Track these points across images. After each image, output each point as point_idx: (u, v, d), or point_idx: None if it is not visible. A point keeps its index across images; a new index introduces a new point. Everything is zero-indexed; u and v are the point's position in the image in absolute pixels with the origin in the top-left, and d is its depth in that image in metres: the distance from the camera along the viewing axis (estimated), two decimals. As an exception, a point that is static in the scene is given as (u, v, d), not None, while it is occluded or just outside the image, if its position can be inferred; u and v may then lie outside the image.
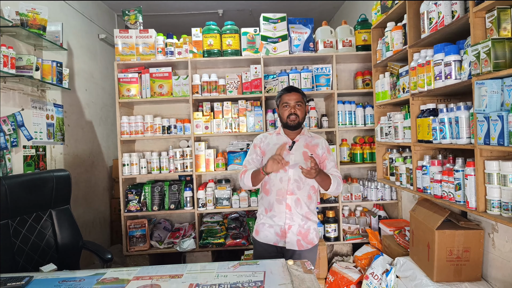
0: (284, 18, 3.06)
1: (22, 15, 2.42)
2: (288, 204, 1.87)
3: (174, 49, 3.00)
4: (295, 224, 1.88)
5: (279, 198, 1.89)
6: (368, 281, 2.44)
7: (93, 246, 2.17)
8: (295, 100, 1.91)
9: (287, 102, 1.92)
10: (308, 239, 1.90)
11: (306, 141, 1.97)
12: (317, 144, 1.97)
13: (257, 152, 1.99)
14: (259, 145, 2.00)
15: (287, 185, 1.88)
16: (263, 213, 1.96)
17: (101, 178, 3.87)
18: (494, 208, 1.53)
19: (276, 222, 1.90)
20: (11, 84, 2.47)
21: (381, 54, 2.60)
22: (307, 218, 1.91)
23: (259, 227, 1.96)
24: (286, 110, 1.92)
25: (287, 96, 1.93)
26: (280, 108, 1.96)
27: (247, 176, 1.89)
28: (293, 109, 1.90)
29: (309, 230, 1.91)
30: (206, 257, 3.00)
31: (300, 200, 1.89)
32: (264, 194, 1.97)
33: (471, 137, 1.66)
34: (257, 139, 2.03)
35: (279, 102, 1.98)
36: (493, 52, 1.41)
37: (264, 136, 2.03)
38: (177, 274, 1.40)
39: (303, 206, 1.90)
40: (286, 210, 1.88)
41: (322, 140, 2.01)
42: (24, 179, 2.01)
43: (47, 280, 1.40)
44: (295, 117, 1.90)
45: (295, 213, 1.88)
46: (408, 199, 2.92)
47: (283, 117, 1.94)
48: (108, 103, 4.17)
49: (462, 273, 1.92)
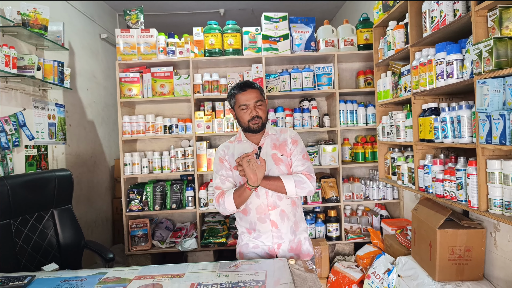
0: (285, 18, 3.06)
1: (23, 15, 2.42)
2: (272, 220, 1.61)
3: (175, 48, 3.00)
4: (285, 240, 1.64)
5: (261, 216, 1.62)
6: (370, 280, 2.44)
7: (95, 246, 2.18)
8: (254, 100, 1.60)
9: (245, 104, 1.60)
10: (303, 252, 1.68)
11: (272, 141, 1.69)
12: (284, 140, 1.69)
13: (225, 167, 1.68)
14: (224, 158, 1.69)
15: (266, 199, 1.61)
16: (246, 233, 1.70)
17: (103, 177, 3.88)
18: (496, 207, 1.52)
19: (264, 242, 1.65)
20: (13, 84, 2.48)
21: (383, 53, 2.60)
22: (295, 230, 1.67)
23: (243, 249, 1.69)
24: (245, 113, 1.60)
25: (243, 96, 1.60)
26: (237, 110, 1.63)
27: (227, 198, 1.57)
28: (254, 110, 1.60)
29: (300, 242, 1.69)
30: (208, 256, 3.01)
31: (285, 211, 1.63)
32: (242, 214, 1.67)
33: (473, 136, 1.66)
34: (219, 153, 1.71)
35: (233, 103, 1.65)
36: (495, 51, 1.40)
37: (225, 147, 1.72)
38: (179, 273, 1.40)
39: (290, 217, 1.65)
40: (272, 228, 1.62)
41: (289, 133, 1.71)
42: (26, 178, 2.02)
43: (49, 280, 1.41)
44: (258, 120, 1.60)
45: (283, 227, 1.63)
46: (410, 199, 2.91)
47: (243, 122, 1.62)
48: (110, 103, 4.17)
49: (464, 273, 1.92)
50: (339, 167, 3.05)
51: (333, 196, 3.04)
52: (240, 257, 1.71)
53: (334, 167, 3.08)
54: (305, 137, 3.40)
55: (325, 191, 3.07)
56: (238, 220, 1.75)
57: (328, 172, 3.38)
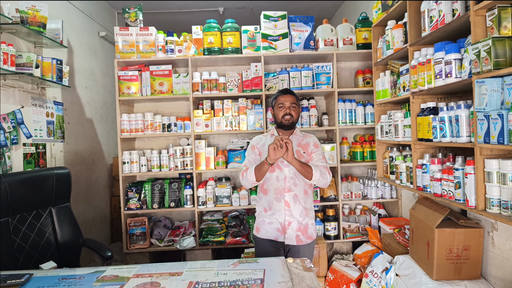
0: (284, 16, 3.06)
1: (22, 12, 2.41)
2: (286, 201, 1.96)
3: (174, 47, 2.99)
4: (294, 220, 1.97)
5: (278, 196, 1.97)
6: (368, 279, 2.45)
7: (93, 244, 2.18)
8: (290, 102, 2.01)
9: (282, 103, 2.01)
10: (307, 234, 2.00)
11: (298, 140, 2.07)
12: (308, 142, 2.07)
13: (255, 152, 2.07)
14: (256, 146, 2.09)
15: (283, 183, 1.97)
16: (263, 212, 2.04)
17: (101, 176, 3.87)
18: (493, 207, 1.53)
19: (277, 219, 1.98)
20: (11, 81, 2.47)
21: (382, 53, 2.60)
22: (305, 214, 2.00)
23: (259, 224, 2.04)
24: (281, 111, 2.01)
25: (282, 97, 2.03)
26: (276, 108, 2.05)
27: (250, 172, 1.93)
28: (288, 109, 2.01)
29: (308, 225, 2.00)
30: (206, 255, 3.01)
31: (298, 196, 1.98)
32: (263, 194, 2.04)
33: (471, 136, 1.66)
34: (254, 141, 2.12)
35: (274, 103, 2.07)
36: (494, 51, 1.41)
37: (259, 138, 2.12)
38: (177, 272, 1.41)
39: (301, 202, 1.99)
40: (285, 207, 1.97)
41: (313, 138, 2.11)
42: (24, 176, 2.02)
43: (47, 278, 1.41)
44: (290, 117, 2.01)
45: (294, 209, 1.97)
46: (408, 198, 2.92)
47: (278, 117, 2.03)
48: (108, 101, 4.16)
49: (461, 272, 1.93)
50: (337, 166, 3.05)
51: (332, 195, 3.05)
52: (257, 230, 2.06)
53: (332, 166, 3.08)
54: (304, 136, 3.40)
55: (324, 190, 3.08)
56: (258, 200, 2.11)
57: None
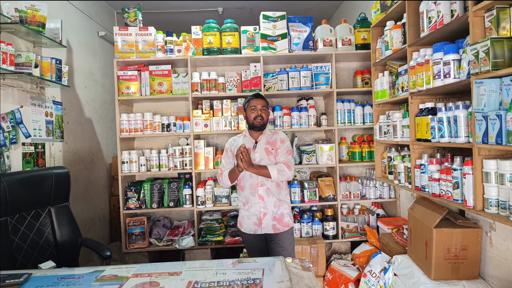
0: (284, 17, 3.06)
1: (21, 12, 2.41)
2: (260, 194, 2.16)
3: (173, 47, 2.99)
4: (269, 211, 2.16)
5: (252, 191, 2.17)
6: (366, 279, 2.45)
7: (92, 243, 2.18)
8: (261, 105, 2.19)
9: (254, 106, 2.19)
10: (284, 222, 2.18)
11: (267, 138, 2.24)
12: (275, 139, 2.23)
13: (229, 155, 2.26)
14: (230, 148, 2.27)
15: (256, 179, 2.16)
16: (242, 207, 2.24)
17: (100, 175, 3.87)
18: (491, 207, 1.54)
19: (253, 212, 2.18)
20: (10, 81, 2.47)
21: (381, 53, 2.60)
22: (279, 205, 2.18)
23: (241, 220, 2.25)
24: (253, 113, 2.18)
25: (254, 101, 2.21)
26: (248, 111, 2.22)
27: (224, 176, 2.20)
28: (259, 111, 2.18)
29: (283, 215, 2.19)
30: (205, 254, 3.01)
31: (270, 189, 2.16)
32: (240, 190, 2.26)
33: (470, 136, 1.67)
34: (228, 143, 2.30)
35: (247, 106, 2.23)
36: (492, 51, 1.41)
37: (233, 140, 2.31)
38: (176, 271, 1.41)
39: (274, 194, 2.17)
40: (259, 200, 2.16)
41: (279, 135, 2.27)
42: (23, 176, 2.02)
43: (46, 277, 1.41)
44: (261, 119, 2.18)
45: (268, 201, 2.16)
46: (406, 198, 2.93)
47: (250, 119, 2.20)
48: (108, 101, 4.16)
49: (459, 271, 1.93)
50: (336, 166, 3.06)
51: (330, 195, 3.05)
52: (240, 225, 2.27)
53: (331, 166, 3.09)
54: (303, 136, 3.41)
55: (322, 190, 3.08)
56: (238, 196, 2.32)
57: (325, 171, 3.39)
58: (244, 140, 2.26)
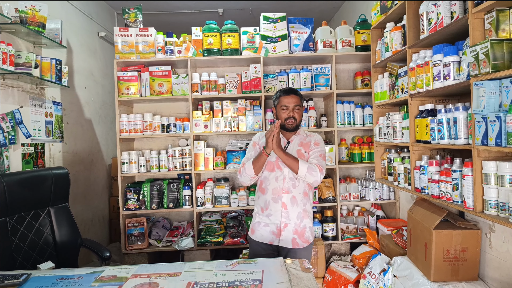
0: (284, 18, 3.07)
1: (21, 12, 2.41)
2: (284, 202, 1.88)
3: (174, 47, 3.00)
4: (291, 222, 1.89)
5: (275, 197, 1.89)
6: (366, 280, 2.45)
7: (92, 244, 2.17)
8: (294, 104, 1.91)
9: (285, 105, 1.91)
10: (304, 237, 1.91)
11: (300, 139, 1.98)
12: (309, 141, 1.97)
13: (256, 149, 1.98)
14: (258, 142, 2.00)
15: (282, 184, 1.89)
16: (259, 212, 1.97)
17: (100, 176, 3.87)
18: (491, 208, 1.54)
19: (272, 220, 1.90)
20: (10, 81, 2.47)
21: (380, 55, 2.61)
22: (302, 217, 1.91)
23: (255, 226, 1.97)
24: (284, 113, 1.91)
25: (285, 98, 1.92)
26: (278, 109, 1.95)
27: (248, 165, 1.88)
28: (292, 112, 1.90)
29: (305, 229, 1.92)
30: (204, 255, 3.01)
31: (296, 198, 1.89)
32: (260, 193, 1.97)
33: (469, 138, 1.67)
34: (256, 137, 2.04)
35: (277, 103, 1.97)
36: (492, 53, 1.42)
37: (261, 135, 2.03)
38: (176, 272, 1.41)
39: (299, 204, 1.90)
40: (282, 208, 1.88)
41: (314, 137, 2.01)
42: (23, 176, 2.01)
43: (45, 278, 1.40)
44: (293, 121, 1.91)
45: (291, 211, 1.88)
46: (406, 199, 2.93)
47: (281, 119, 1.93)
48: (108, 101, 4.16)
49: (459, 273, 1.93)
50: (336, 167, 3.06)
51: (330, 196, 3.05)
52: (252, 232, 1.98)
53: (331, 167, 3.09)
54: (303, 137, 3.41)
55: (322, 191, 3.08)
56: (256, 199, 2.04)
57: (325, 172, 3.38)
58: None
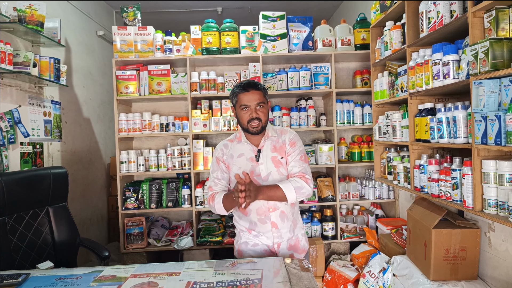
0: (283, 17, 3.06)
1: (19, 11, 2.40)
2: (273, 222, 1.62)
3: (172, 46, 2.99)
4: (284, 240, 1.66)
5: (261, 218, 1.62)
6: (365, 279, 2.45)
7: (90, 244, 2.17)
8: (256, 101, 1.57)
9: (246, 104, 1.58)
10: (300, 248, 1.72)
11: (272, 143, 1.67)
12: (284, 142, 1.67)
13: (221, 167, 1.67)
14: (222, 158, 1.68)
15: (266, 202, 1.60)
16: (245, 232, 1.69)
17: (98, 175, 3.86)
18: (490, 208, 1.54)
19: (263, 241, 1.66)
20: (9, 80, 2.46)
21: (380, 53, 2.60)
22: (293, 228, 1.69)
23: (242, 247, 1.69)
24: (245, 114, 1.59)
25: (245, 96, 1.58)
26: (238, 110, 1.62)
27: (217, 204, 1.58)
28: (254, 112, 1.58)
29: (298, 239, 1.72)
30: (203, 255, 3.00)
31: (285, 212, 1.64)
32: (242, 214, 1.68)
33: (469, 137, 1.67)
34: (217, 152, 1.70)
35: (235, 102, 1.63)
36: (491, 52, 1.41)
37: (224, 146, 1.70)
38: (175, 272, 1.40)
39: (289, 217, 1.66)
40: (272, 229, 1.63)
41: (288, 134, 1.69)
42: (21, 176, 2.01)
43: (44, 278, 1.40)
44: (258, 123, 1.59)
45: (282, 227, 1.64)
46: (405, 198, 2.93)
47: (242, 122, 1.61)
48: (106, 100, 4.15)
49: (458, 272, 1.93)
50: (335, 167, 3.06)
51: (329, 195, 3.05)
52: (239, 255, 1.71)
53: (330, 166, 3.09)
54: (302, 136, 3.40)
55: (321, 190, 3.08)
56: (237, 219, 1.73)
57: (325, 171, 3.39)
58: (241, 147, 1.67)
